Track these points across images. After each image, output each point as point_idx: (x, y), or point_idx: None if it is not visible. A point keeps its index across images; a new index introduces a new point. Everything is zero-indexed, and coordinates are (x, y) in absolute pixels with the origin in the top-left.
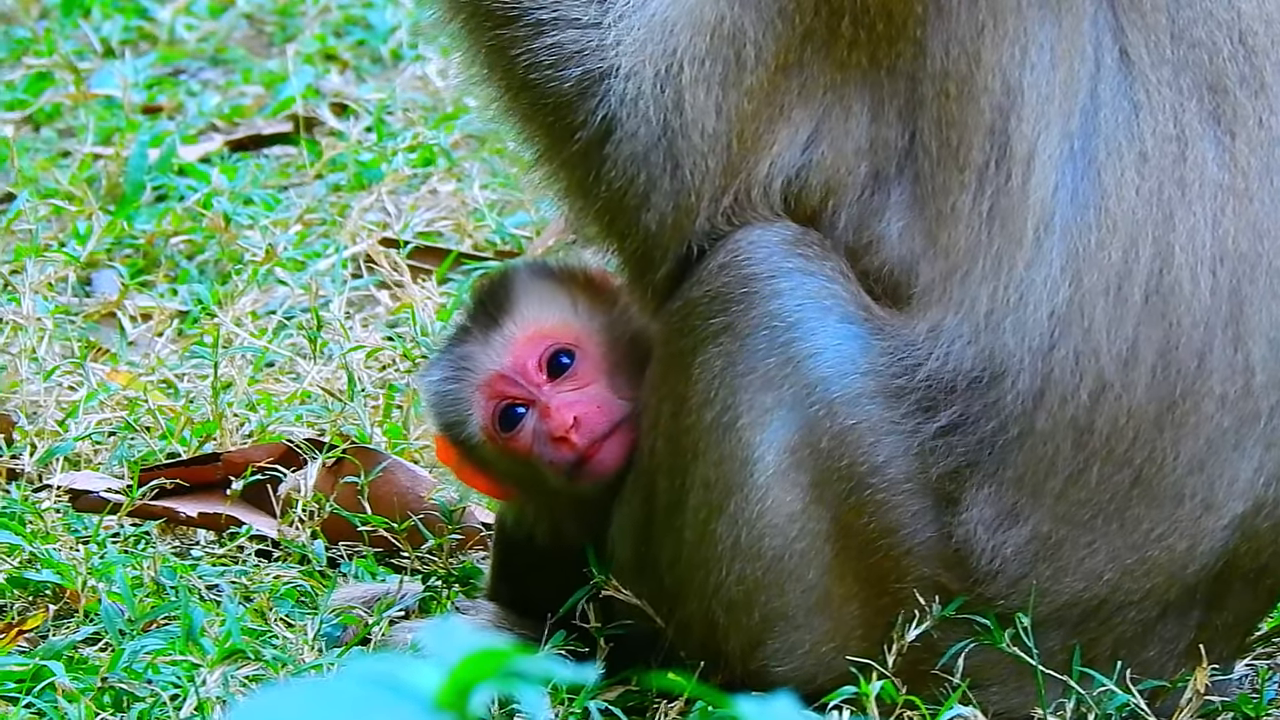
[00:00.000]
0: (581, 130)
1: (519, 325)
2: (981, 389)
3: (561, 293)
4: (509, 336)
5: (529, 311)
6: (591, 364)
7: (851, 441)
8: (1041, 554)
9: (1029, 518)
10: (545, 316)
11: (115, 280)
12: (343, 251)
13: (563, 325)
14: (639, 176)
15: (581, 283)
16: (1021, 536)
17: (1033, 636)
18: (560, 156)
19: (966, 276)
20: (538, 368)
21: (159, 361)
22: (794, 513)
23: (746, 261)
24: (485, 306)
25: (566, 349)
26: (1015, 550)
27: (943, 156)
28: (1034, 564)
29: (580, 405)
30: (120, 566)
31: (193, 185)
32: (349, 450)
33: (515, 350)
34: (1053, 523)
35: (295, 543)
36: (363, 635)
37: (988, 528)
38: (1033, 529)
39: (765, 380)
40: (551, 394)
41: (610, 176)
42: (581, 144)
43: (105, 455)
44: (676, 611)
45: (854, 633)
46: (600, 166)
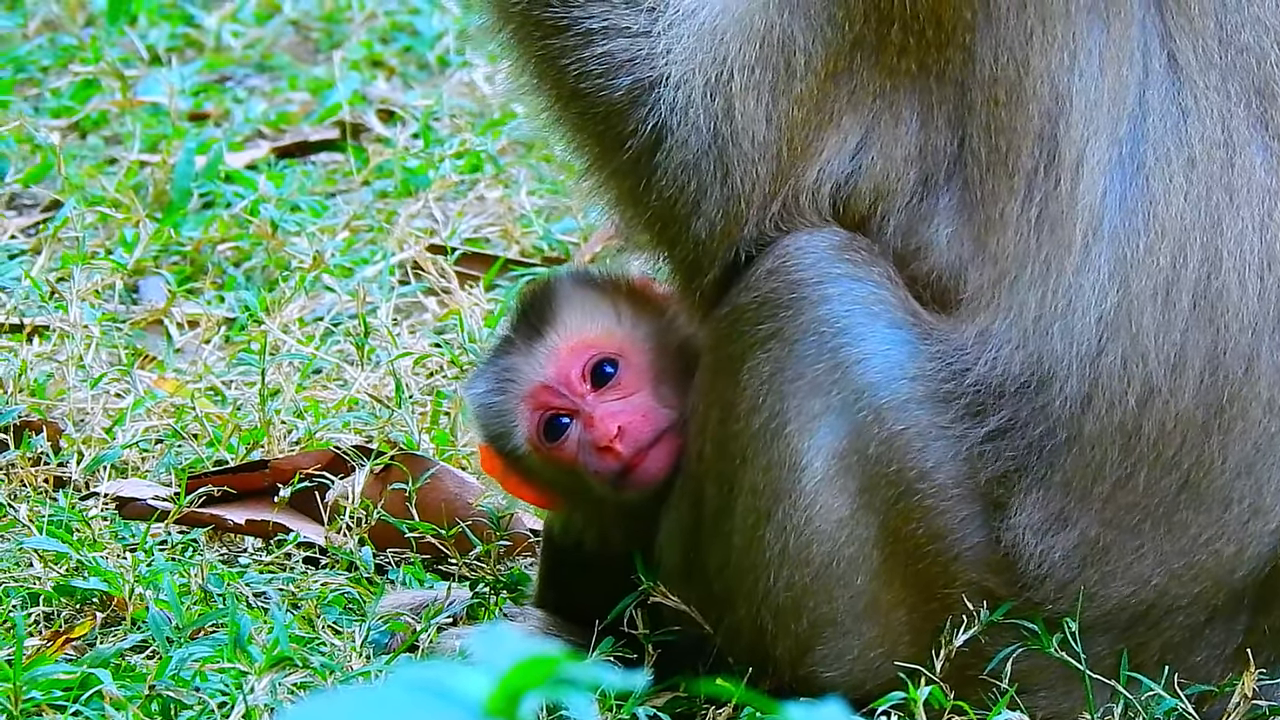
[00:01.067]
0: (632, 139)
1: (562, 335)
2: (1030, 394)
3: (605, 301)
4: (552, 347)
5: (572, 321)
6: (636, 373)
7: (900, 447)
8: (1089, 558)
9: (1077, 522)
10: (588, 326)
11: (162, 287)
12: (390, 258)
13: (606, 334)
14: (690, 184)
15: (625, 291)
16: (1069, 541)
17: (1080, 641)
18: (610, 165)
19: (1015, 282)
20: (581, 378)
21: (206, 369)
22: (842, 518)
23: (795, 267)
24: (528, 316)
25: (610, 358)
26: (1063, 555)
27: (992, 162)
28: (1082, 568)
29: (624, 415)
30: (167, 574)
31: (239, 192)
32: (396, 457)
33: (559, 360)
34: (1100, 527)
35: (343, 549)
36: (410, 642)
37: (1035, 532)
38: (1080, 533)
39: (813, 386)
40: (595, 404)
41: (661, 185)
42: (632, 153)
43: (152, 463)
44: (725, 617)
45: (902, 638)
46: (651, 175)
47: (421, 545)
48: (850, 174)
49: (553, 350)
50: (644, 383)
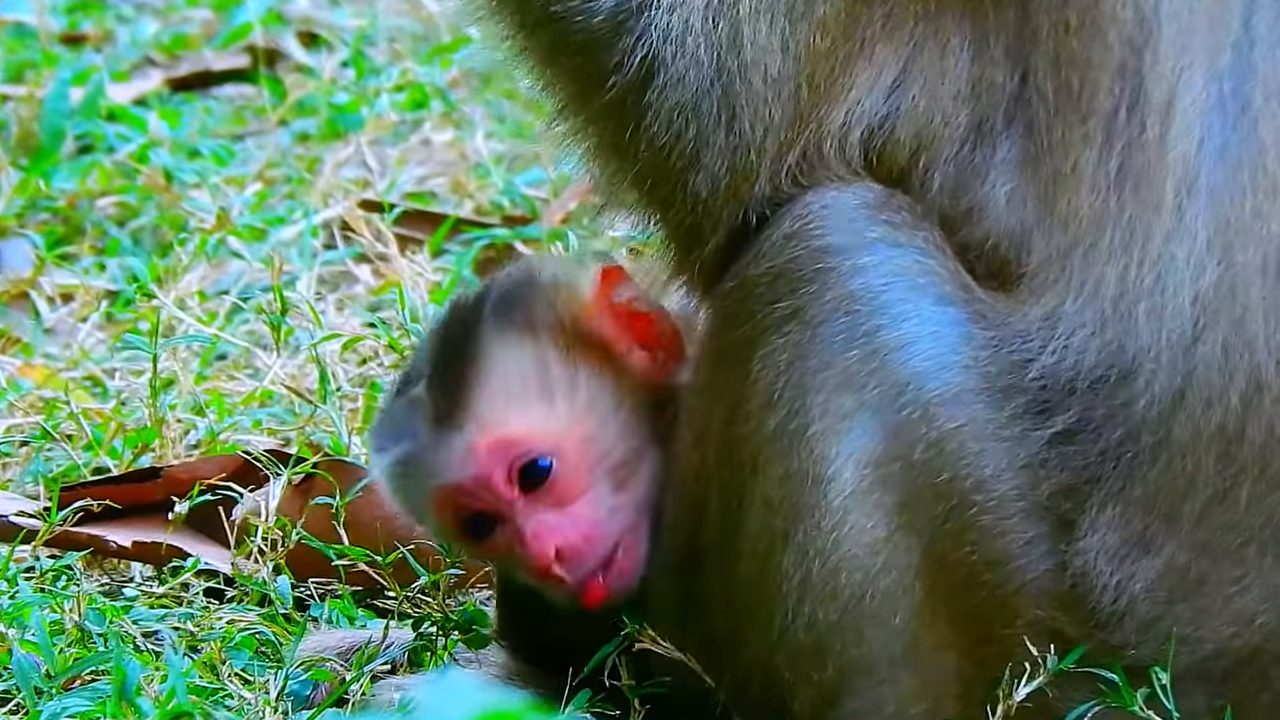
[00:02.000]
0: (616, 75)
1: (481, 429)
2: (1107, 390)
3: (536, 367)
4: (468, 442)
5: (494, 406)
6: (577, 471)
7: (952, 451)
8: (1178, 591)
9: (1163, 546)
10: (514, 415)
11: (28, 252)
12: (313, 217)
13: (537, 428)
14: (687, 131)
15: (569, 328)
16: (1153, 570)
17: (1172, 696)
18: (590, 107)
19: (1091, 252)
20: (507, 480)
21: (83, 353)
22: (876, 541)
23: (820, 231)
24: (440, 381)
25: (542, 456)
26: (1146, 586)
27: (1061, 103)
28: (1169, 604)
29: (563, 532)
30: (36, 609)
31: (125, 134)
32: (320, 464)
33: (477, 460)
34: (1192, 553)
35: (254, 579)
36: (338, 694)
37: (1111, 558)
38: (1167, 560)
39: (844, 378)
40: (526, 514)
41: (652, 131)
42: (616, 92)
43: (16, 470)
44: (730, 665)
45: (949, 689)
46: (639, 119)
47: (352, 575)
48: (885, 117)
49: (469, 446)
50: (589, 480)
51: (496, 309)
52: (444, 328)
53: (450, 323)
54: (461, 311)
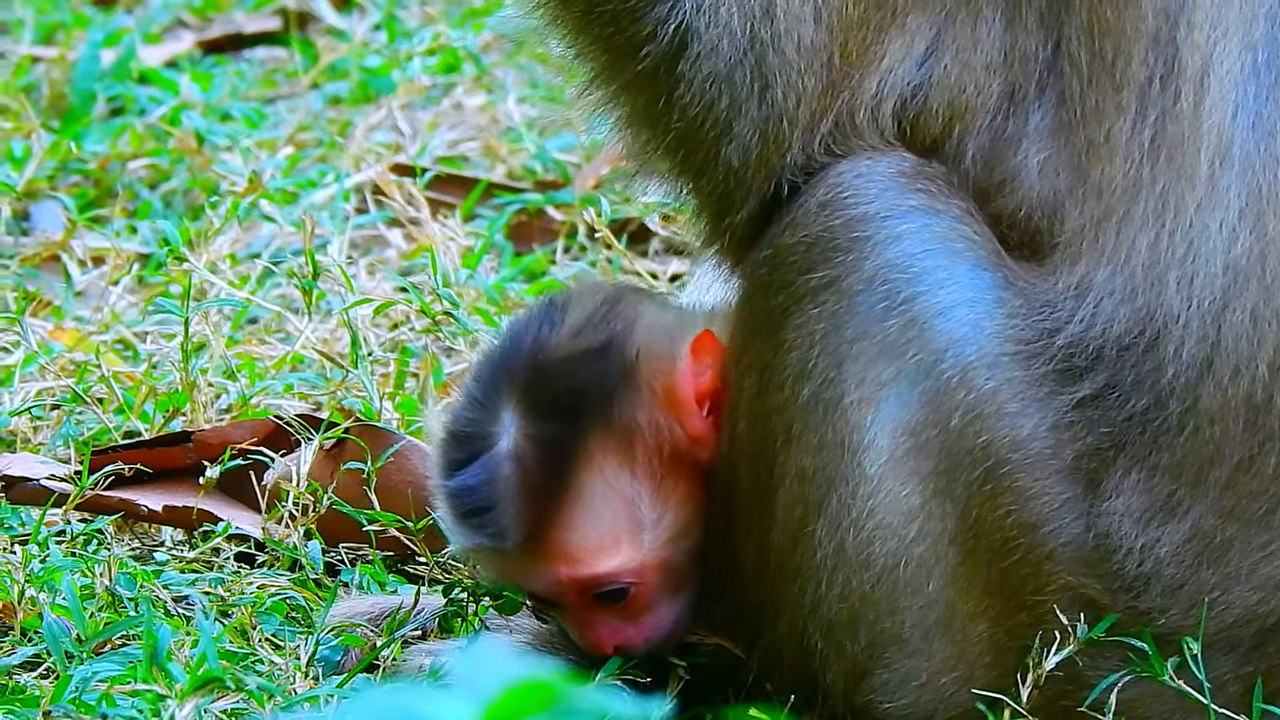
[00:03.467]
0: (649, 45)
1: (570, 566)
2: (1135, 356)
3: (630, 505)
4: (557, 575)
5: (586, 547)
6: (652, 590)
7: (990, 414)
8: (1205, 556)
9: (1189, 511)
10: (605, 557)
11: (59, 214)
12: (344, 180)
13: (625, 565)
14: (720, 100)
15: (666, 451)
16: (1179, 534)
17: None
18: (622, 77)
19: (1123, 221)
20: (584, 595)
21: (114, 316)
22: (912, 509)
23: (855, 200)
24: (532, 499)
25: (624, 587)
26: (1171, 551)
27: (1095, 72)
28: (1195, 568)
29: (625, 635)
30: (67, 573)
31: (156, 96)
32: (351, 429)
33: (562, 585)
34: (1218, 518)
35: (284, 544)
36: (368, 660)
37: (1136, 521)
38: (1193, 525)
39: (883, 347)
40: (596, 617)
41: (685, 101)
42: (649, 62)
43: (48, 434)
44: (763, 635)
45: (981, 659)
46: (673, 89)
47: (382, 540)
48: (918, 86)
49: (556, 577)
50: (661, 597)
51: (595, 416)
52: (534, 393)
53: (543, 395)
54: (557, 390)
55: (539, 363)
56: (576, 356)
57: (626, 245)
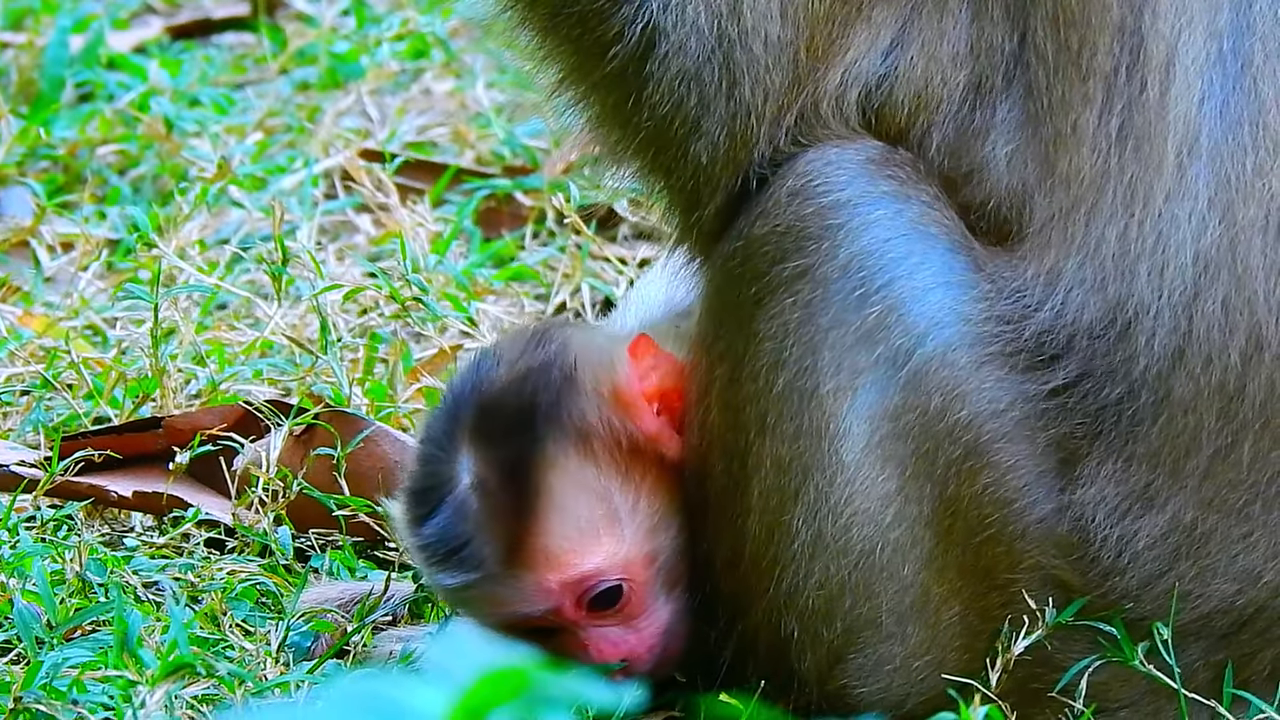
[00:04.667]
0: (616, 45)
1: (554, 568)
2: (1107, 345)
3: (601, 497)
4: (542, 582)
5: (566, 545)
6: (644, 587)
7: (972, 390)
8: (1184, 548)
9: (1166, 503)
10: (587, 552)
11: (28, 200)
12: (313, 166)
13: (609, 559)
14: (689, 99)
15: (624, 443)
16: (1157, 526)
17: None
18: (591, 78)
19: (1092, 211)
20: (578, 606)
21: (83, 302)
22: (888, 494)
23: (825, 188)
24: (502, 512)
25: (615, 583)
26: (1150, 543)
27: (1061, 63)
28: (1174, 560)
29: (628, 645)
30: (37, 558)
31: (125, 82)
32: (321, 414)
33: (551, 596)
34: (1198, 509)
35: (254, 530)
36: (339, 646)
37: (1110, 513)
38: (1173, 517)
39: (860, 334)
40: (594, 631)
41: (654, 101)
42: (618, 62)
43: (16, 420)
44: (737, 623)
45: (953, 642)
46: (641, 89)
47: (353, 525)
48: (883, 77)
49: (542, 585)
50: (654, 594)
51: (548, 425)
52: (485, 425)
53: (495, 424)
54: (507, 414)
55: (484, 399)
56: (518, 379)
57: (595, 230)
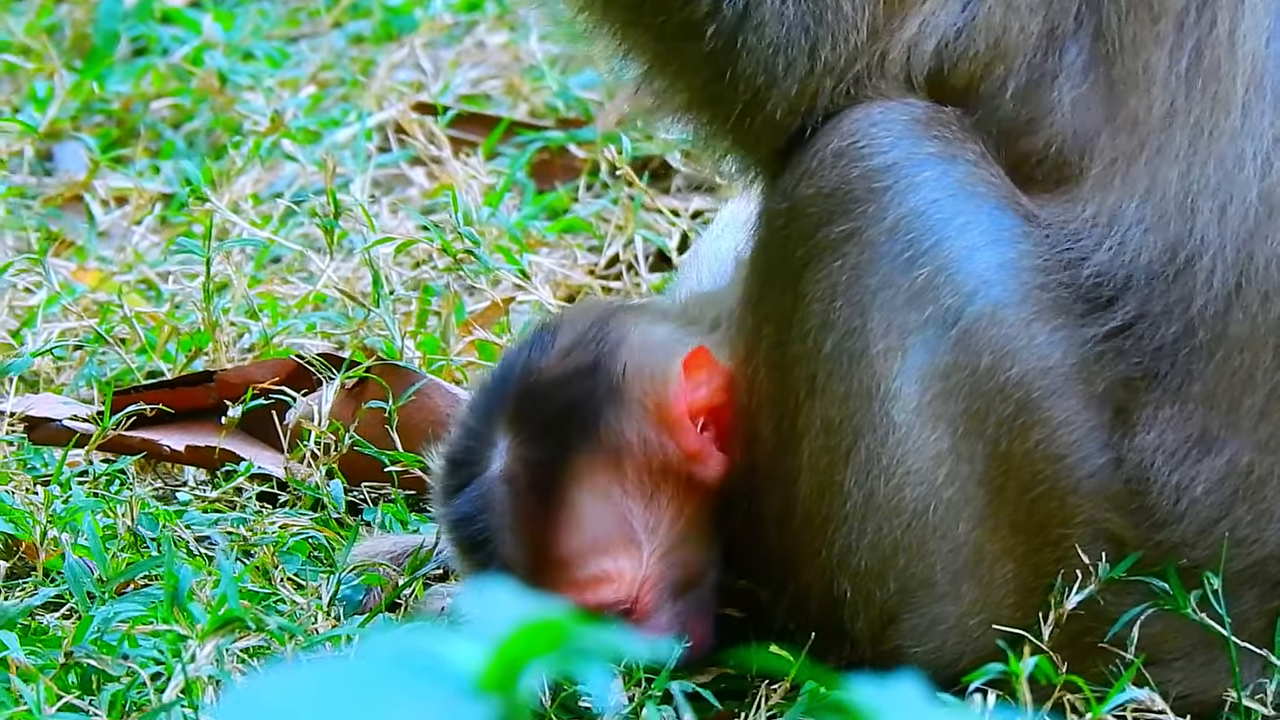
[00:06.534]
0: (709, 23)
1: (563, 575)
2: (1164, 285)
3: (621, 518)
4: (547, 590)
5: (580, 556)
6: (648, 599)
7: (1022, 347)
8: (1240, 492)
9: (1224, 446)
10: (600, 565)
11: (82, 155)
12: (366, 119)
13: (620, 576)
14: (776, 65)
15: (655, 464)
16: (1216, 470)
17: (1223, 599)
18: (676, 64)
19: (1157, 152)
20: (583, 602)
21: (137, 256)
22: (941, 453)
23: (872, 150)
24: (526, 516)
25: (624, 608)
26: (1208, 488)
27: (1133, 3)
28: (1230, 506)
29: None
30: (88, 513)
31: (179, 36)
32: (373, 368)
33: (558, 595)
34: (1254, 452)
35: (306, 484)
36: (390, 599)
37: (1169, 457)
38: (1230, 460)
39: (909, 295)
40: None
41: (749, 72)
42: (709, 41)
43: (70, 374)
44: (789, 583)
45: (1006, 600)
46: (735, 63)
47: (404, 479)
48: (961, 28)
49: (547, 591)
50: (659, 604)
51: (582, 436)
52: (524, 416)
53: (532, 419)
54: (545, 412)
55: (529, 386)
56: (564, 378)
57: (648, 182)
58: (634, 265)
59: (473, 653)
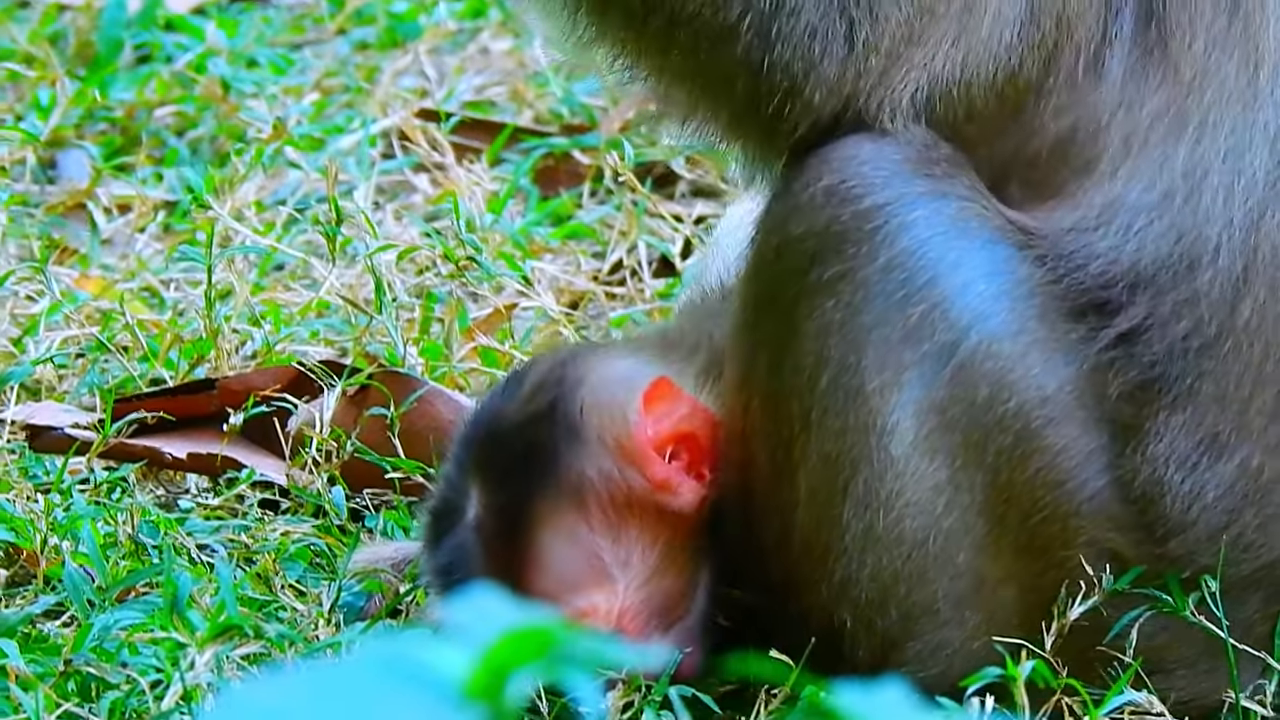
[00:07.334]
0: (745, 19)
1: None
2: (1174, 280)
3: (590, 554)
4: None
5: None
6: (628, 630)
7: (1019, 379)
8: (1249, 497)
9: (1235, 449)
10: (575, 607)
11: (85, 162)
12: (370, 126)
13: (599, 615)
14: (813, 50)
15: (620, 500)
16: (1227, 475)
17: (1223, 603)
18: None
19: (1167, 133)
20: None
21: (140, 264)
22: (939, 484)
23: (863, 190)
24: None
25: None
26: (1219, 494)
27: None
28: (1240, 511)
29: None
30: (89, 521)
31: (182, 43)
32: (375, 375)
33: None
34: (1264, 455)
35: (308, 491)
36: (392, 606)
37: (1182, 465)
38: (1240, 464)
39: (904, 333)
40: None
41: (786, 59)
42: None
43: (72, 382)
44: (787, 608)
45: (1010, 621)
46: (769, 52)
47: (406, 486)
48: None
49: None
50: (650, 631)
51: (542, 479)
52: (489, 464)
53: (496, 466)
54: (507, 458)
55: (493, 434)
56: (524, 422)
57: (652, 188)
58: (637, 271)
59: (460, 660)
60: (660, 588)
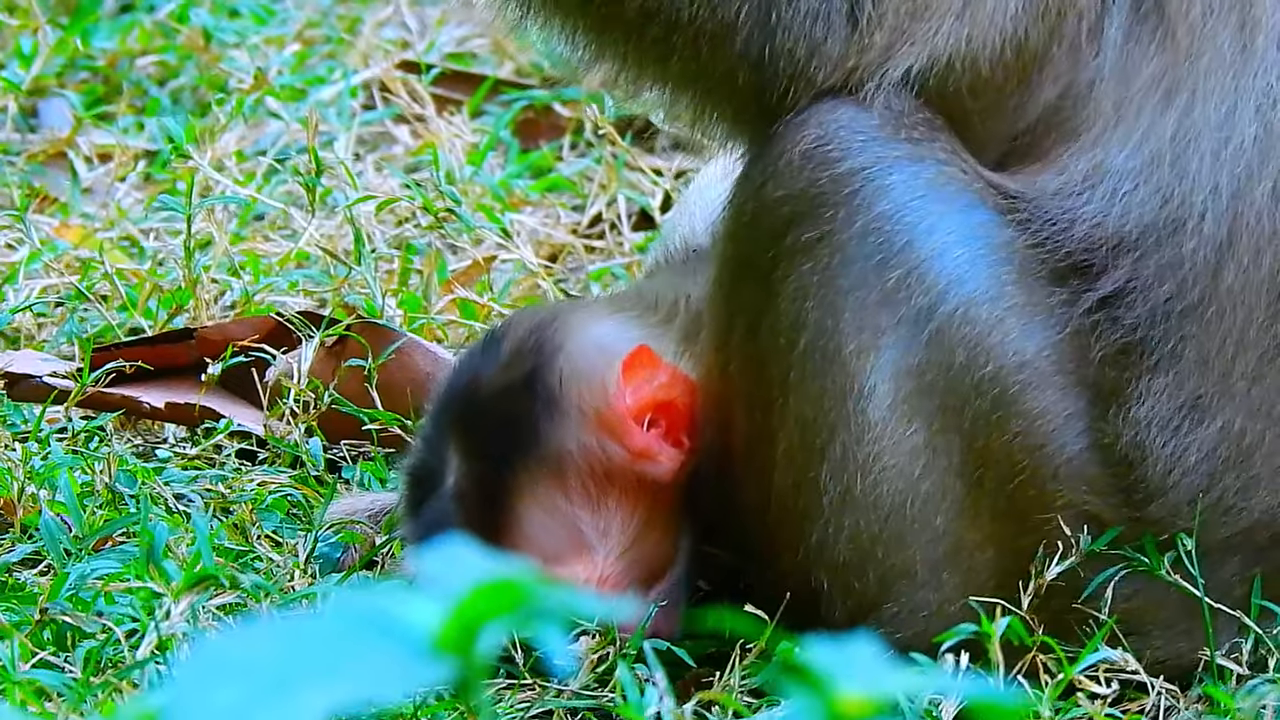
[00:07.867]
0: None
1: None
2: (1158, 244)
3: (570, 526)
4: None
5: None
6: (616, 580)
7: (996, 343)
8: (1230, 460)
9: (1218, 412)
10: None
11: (66, 111)
12: (351, 77)
13: (575, 579)
14: (815, 31)
15: (599, 470)
16: (1208, 438)
17: (1204, 565)
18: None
19: (1159, 99)
20: None
21: (120, 213)
22: (917, 447)
23: (841, 154)
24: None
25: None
26: (1201, 457)
27: None
28: (1221, 474)
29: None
30: (65, 470)
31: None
32: (353, 326)
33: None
34: (1247, 419)
35: (285, 441)
36: (368, 558)
37: (1164, 428)
38: (1222, 427)
39: (881, 296)
40: None
41: (789, 46)
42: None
43: (50, 331)
44: (765, 569)
45: (988, 584)
46: (769, 41)
47: (384, 437)
48: None
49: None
50: (632, 594)
51: (521, 450)
52: (469, 430)
53: (476, 434)
54: (487, 427)
55: (472, 400)
56: (503, 391)
57: (631, 142)
58: (616, 225)
59: (432, 612)
60: (640, 555)
